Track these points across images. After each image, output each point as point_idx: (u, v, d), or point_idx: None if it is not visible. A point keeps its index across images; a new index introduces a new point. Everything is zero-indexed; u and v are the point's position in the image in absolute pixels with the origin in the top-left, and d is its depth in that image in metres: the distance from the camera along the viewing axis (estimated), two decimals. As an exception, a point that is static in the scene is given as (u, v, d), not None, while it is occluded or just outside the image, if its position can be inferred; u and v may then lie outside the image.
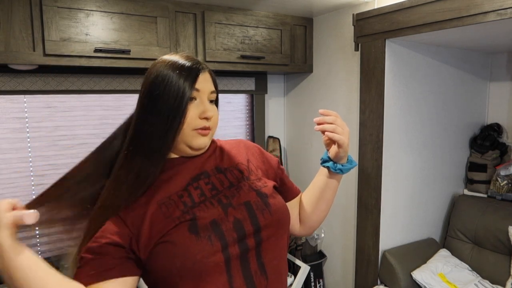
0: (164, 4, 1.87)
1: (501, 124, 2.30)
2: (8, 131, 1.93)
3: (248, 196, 0.87)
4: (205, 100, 0.87)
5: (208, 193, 0.86)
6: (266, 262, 0.84)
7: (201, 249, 0.76)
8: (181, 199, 0.83)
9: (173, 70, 0.84)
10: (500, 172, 2.13)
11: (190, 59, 0.87)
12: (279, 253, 0.88)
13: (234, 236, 0.80)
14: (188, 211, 0.81)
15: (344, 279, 2.34)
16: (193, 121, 0.84)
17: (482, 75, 2.36)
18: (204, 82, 0.86)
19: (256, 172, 0.95)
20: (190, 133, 0.85)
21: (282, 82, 2.73)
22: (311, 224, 1.06)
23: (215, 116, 0.89)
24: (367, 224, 2.06)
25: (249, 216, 0.84)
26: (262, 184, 0.92)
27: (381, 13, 1.81)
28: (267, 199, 0.88)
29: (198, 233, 0.78)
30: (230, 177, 0.90)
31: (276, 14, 2.24)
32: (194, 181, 0.87)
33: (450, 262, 2.01)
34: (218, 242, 0.78)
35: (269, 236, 0.85)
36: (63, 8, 1.64)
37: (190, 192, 0.85)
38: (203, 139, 0.86)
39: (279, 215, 0.88)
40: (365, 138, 2.02)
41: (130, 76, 2.12)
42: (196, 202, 0.83)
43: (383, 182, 1.96)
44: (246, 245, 0.82)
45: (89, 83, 2.02)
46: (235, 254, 0.80)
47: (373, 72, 1.94)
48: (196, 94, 0.85)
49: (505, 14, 1.38)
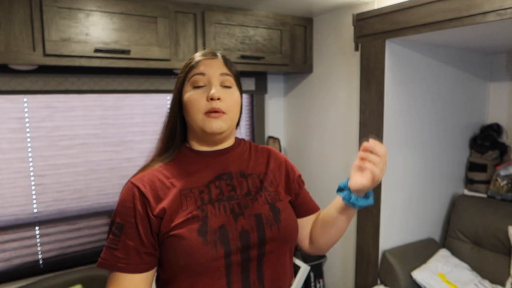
0: (164, 4, 1.87)
1: (501, 124, 2.30)
2: (8, 131, 1.93)
3: (261, 209, 0.87)
4: (215, 84, 0.88)
5: (227, 193, 0.88)
6: (266, 275, 0.85)
7: (205, 254, 0.79)
8: (200, 195, 0.86)
9: (183, 67, 0.92)
10: (500, 172, 2.13)
11: (201, 52, 0.93)
12: (281, 268, 0.88)
13: (238, 246, 0.82)
14: (203, 208, 0.84)
15: (344, 279, 2.34)
16: (202, 105, 0.86)
17: (482, 75, 2.36)
18: (209, 66, 0.89)
19: (276, 184, 0.95)
20: (201, 117, 0.86)
21: (282, 82, 2.73)
22: (319, 246, 1.02)
23: (227, 98, 0.88)
24: (367, 224, 2.06)
25: (257, 229, 0.84)
26: (277, 198, 0.92)
27: (381, 13, 1.81)
28: (279, 215, 0.88)
29: (206, 237, 0.80)
30: (250, 185, 0.91)
31: (276, 14, 2.24)
32: (216, 180, 0.89)
33: (450, 262, 2.01)
34: (222, 249, 0.80)
35: (272, 250, 0.86)
36: (63, 8, 1.64)
37: (211, 189, 0.87)
38: (215, 122, 0.86)
39: (286, 232, 0.88)
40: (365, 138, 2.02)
41: (130, 76, 2.12)
42: (213, 199, 0.86)
43: (383, 182, 1.97)
44: (249, 255, 0.83)
45: (89, 83, 2.02)
46: (236, 261, 0.82)
47: (373, 72, 1.94)
48: (202, 79, 0.88)
49: (505, 14, 1.38)
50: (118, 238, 0.82)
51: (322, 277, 2.47)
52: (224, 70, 0.90)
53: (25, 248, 2.00)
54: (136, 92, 2.18)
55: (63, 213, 2.09)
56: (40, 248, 2.04)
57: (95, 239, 2.19)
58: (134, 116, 2.25)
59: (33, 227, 2.02)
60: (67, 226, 2.10)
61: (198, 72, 0.88)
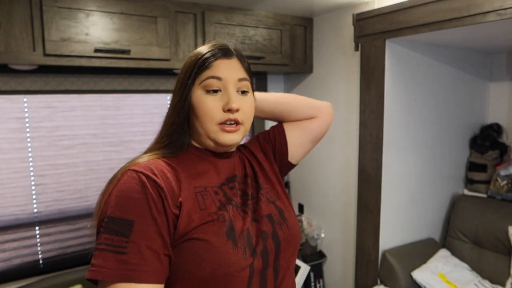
0: (164, 4, 1.87)
1: (501, 124, 2.30)
2: (8, 131, 1.92)
3: (268, 209, 0.82)
4: (231, 90, 0.77)
5: (239, 199, 0.81)
6: (280, 282, 0.79)
7: (236, 261, 0.68)
8: (217, 196, 0.76)
9: (190, 62, 0.79)
10: (500, 172, 2.13)
11: (212, 47, 0.80)
12: (291, 274, 0.84)
13: (261, 250, 0.74)
14: (226, 208, 0.74)
15: (344, 279, 2.34)
16: (216, 115, 0.76)
17: (482, 75, 2.36)
18: (227, 69, 0.78)
19: (268, 177, 0.91)
20: (214, 128, 0.77)
21: (282, 82, 2.73)
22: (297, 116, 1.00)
23: (244, 108, 0.79)
24: (367, 224, 2.06)
25: (272, 230, 0.78)
26: (275, 196, 0.88)
27: (381, 13, 1.81)
28: (284, 214, 0.84)
29: (235, 241, 0.70)
30: (250, 187, 0.86)
31: (276, 14, 2.24)
32: (229, 182, 0.82)
33: (450, 262, 2.01)
34: (250, 256, 0.71)
35: (284, 253, 0.79)
36: (63, 8, 1.64)
37: (226, 192, 0.79)
38: (230, 136, 0.77)
39: (295, 230, 0.84)
40: (365, 138, 2.02)
41: (130, 76, 2.12)
42: (229, 202, 0.77)
43: (383, 182, 1.96)
44: (267, 260, 0.75)
45: (89, 83, 2.02)
46: (257, 270, 0.73)
47: (373, 72, 1.94)
48: (218, 84, 0.77)
49: (505, 14, 1.38)
50: (125, 239, 0.63)
51: (322, 277, 2.47)
52: (242, 74, 0.80)
53: (25, 248, 2.00)
54: (136, 92, 2.18)
55: (63, 213, 2.09)
56: (40, 248, 2.04)
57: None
58: (134, 116, 2.25)
59: (33, 227, 2.02)
60: (67, 226, 2.10)
61: (214, 76, 0.77)
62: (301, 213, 2.64)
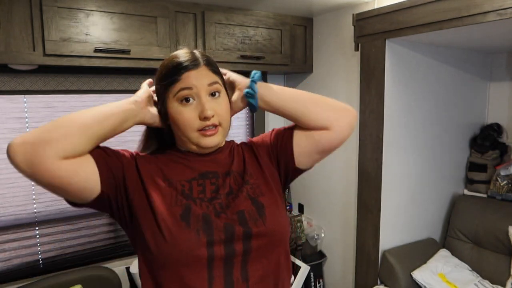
0: (164, 4, 1.87)
1: (501, 124, 2.30)
2: (8, 131, 1.92)
3: (242, 205, 0.84)
4: (204, 97, 0.82)
5: (209, 194, 0.85)
6: (251, 273, 0.81)
7: (187, 239, 0.77)
8: (182, 187, 0.84)
9: (162, 76, 0.86)
10: (500, 172, 2.13)
11: (181, 59, 0.84)
12: (271, 268, 0.84)
13: (221, 237, 0.79)
14: (187, 197, 0.83)
15: (344, 279, 2.34)
16: (193, 123, 0.82)
17: (482, 75, 2.36)
18: (196, 78, 0.82)
19: (255, 176, 0.91)
20: (194, 135, 0.83)
21: (282, 82, 2.73)
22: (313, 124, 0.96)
23: (219, 110, 0.84)
24: (367, 224, 2.06)
25: (240, 223, 0.81)
26: (259, 192, 0.87)
27: (381, 13, 1.81)
28: (263, 209, 0.84)
29: (189, 222, 0.78)
30: (232, 183, 0.88)
31: (276, 14, 2.24)
32: (200, 178, 0.86)
33: (450, 262, 2.01)
34: (205, 237, 0.78)
35: (259, 247, 0.82)
36: (63, 8, 1.64)
37: (192, 186, 0.85)
38: (211, 139, 0.84)
39: (274, 226, 0.83)
40: (365, 138, 2.02)
41: (130, 76, 2.12)
42: (193, 198, 0.83)
43: (383, 182, 1.96)
44: (233, 250, 0.80)
45: (89, 83, 2.02)
46: (219, 255, 0.79)
47: (373, 72, 1.94)
48: (191, 93, 0.82)
49: (505, 14, 1.38)
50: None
51: (322, 277, 2.47)
52: (211, 78, 0.84)
53: (25, 248, 2.00)
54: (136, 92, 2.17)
55: (63, 213, 2.09)
56: (40, 248, 2.04)
57: (95, 239, 2.18)
58: (134, 116, 2.24)
59: (33, 227, 2.01)
60: (67, 226, 2.10)
61: (185, 87, 0.82)
62: (301, 213, 2.64)
